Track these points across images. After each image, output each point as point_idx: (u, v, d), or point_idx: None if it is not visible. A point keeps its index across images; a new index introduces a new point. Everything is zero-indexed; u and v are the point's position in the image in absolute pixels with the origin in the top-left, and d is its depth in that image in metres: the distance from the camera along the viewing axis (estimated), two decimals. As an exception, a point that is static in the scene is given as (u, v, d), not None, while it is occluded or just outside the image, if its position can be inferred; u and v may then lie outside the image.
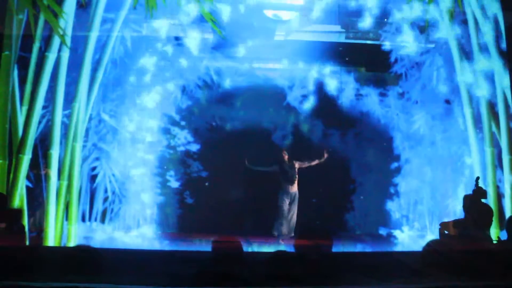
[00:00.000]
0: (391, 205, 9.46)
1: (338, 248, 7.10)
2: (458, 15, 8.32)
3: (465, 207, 6.84)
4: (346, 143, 9.80)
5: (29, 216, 7.12)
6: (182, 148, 9.39)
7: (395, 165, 9.48)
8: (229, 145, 9.41)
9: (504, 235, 6.03)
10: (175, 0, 7.84)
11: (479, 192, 6.99)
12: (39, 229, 7.30)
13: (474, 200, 6.56)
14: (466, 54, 8.27)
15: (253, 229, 8.83)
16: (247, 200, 9.18)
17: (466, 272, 3.38)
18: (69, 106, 7.64)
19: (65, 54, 7.41)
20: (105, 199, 8.69)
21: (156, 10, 7.43)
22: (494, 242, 6.42)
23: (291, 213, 7.92)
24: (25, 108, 7.33)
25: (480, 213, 6.31)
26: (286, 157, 8.03)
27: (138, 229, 8.66)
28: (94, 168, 8.64)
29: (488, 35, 7.79)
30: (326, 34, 9.28)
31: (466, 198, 7.14)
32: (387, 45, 9.19)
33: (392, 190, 9.47)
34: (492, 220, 6.40)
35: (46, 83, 7.33)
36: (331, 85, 9.46)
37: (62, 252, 5.72)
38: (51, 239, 7.21)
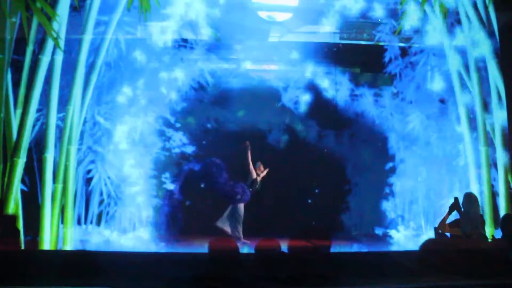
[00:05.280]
0: (386, 205, 9.48)
1: (334, 248, 7.09)
2: (451, 15, 8.36)
3: (462, 205, 6.84)
4: (341, 143, 9.81)
5: (24, 220, 7.07)
6: (177, 150, 9.37)
7: (390, 165, 9.50)
8: (224, 146, 9.41)
9: (498, 234, 6.07)
10: (169, 2, 7.83)
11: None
12: (34, 233, 7.26)
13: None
14: (460, 54, 8.30)
15: (251, 230, 8.82)
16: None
17: (462, 271, 3.40)
18: (63, 109, 7.60)
19: (59, 57, 7.37)
20: (101, 202, 8.67)
21: (150, 12, 7.42)
22: (489, 240, 6.45)
23: None
24: (19, 111, 7.29)
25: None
26: None
27: (134, 232, 8.64)
28: (89, 171, 8.62)
29: (482, 35, 7.81)
30: (320, 34, 9.30)
31: (466, 197, 7.13)
32: (381, 45, 9.23)
33: (387, 190, 9.48)
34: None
35: (40, 86, 7.28)
36: (326, 86, 9.48)
37: (58, 255, 5.69)
38: (46, 243, 7.17)
